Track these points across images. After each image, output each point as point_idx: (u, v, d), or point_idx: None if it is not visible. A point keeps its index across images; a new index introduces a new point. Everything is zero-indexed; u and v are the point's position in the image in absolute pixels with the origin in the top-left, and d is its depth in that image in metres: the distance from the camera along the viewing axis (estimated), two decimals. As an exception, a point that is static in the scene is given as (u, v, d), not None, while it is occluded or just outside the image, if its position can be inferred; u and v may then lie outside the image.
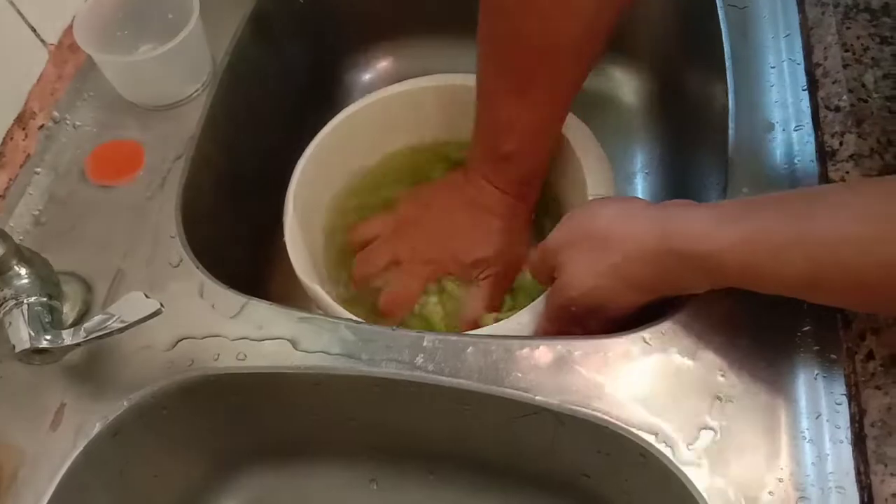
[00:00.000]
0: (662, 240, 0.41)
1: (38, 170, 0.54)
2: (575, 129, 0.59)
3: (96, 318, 0.42)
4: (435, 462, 0.53)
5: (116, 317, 0.42)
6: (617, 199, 0.53)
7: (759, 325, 0.44)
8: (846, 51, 0.51)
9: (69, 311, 0.47)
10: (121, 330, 0.42)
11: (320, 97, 0.75)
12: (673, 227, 0.41)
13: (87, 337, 0.42)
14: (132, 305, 0.42)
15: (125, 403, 0.45)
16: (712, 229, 0.39)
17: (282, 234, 0.66)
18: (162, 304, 0.42)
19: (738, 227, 0.39)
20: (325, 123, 0.76)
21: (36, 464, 0.43)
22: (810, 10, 0.55)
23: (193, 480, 0.52)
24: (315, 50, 0.73)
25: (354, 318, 0.50)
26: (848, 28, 0.52)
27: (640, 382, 0.43)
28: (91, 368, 0.46)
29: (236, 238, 0.60)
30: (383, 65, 0.78)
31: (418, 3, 0.74)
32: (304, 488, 0.55)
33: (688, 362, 0.43)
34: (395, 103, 0.64)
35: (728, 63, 0.56)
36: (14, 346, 0.41)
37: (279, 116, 0.68)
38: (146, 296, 0.42)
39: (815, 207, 0.37)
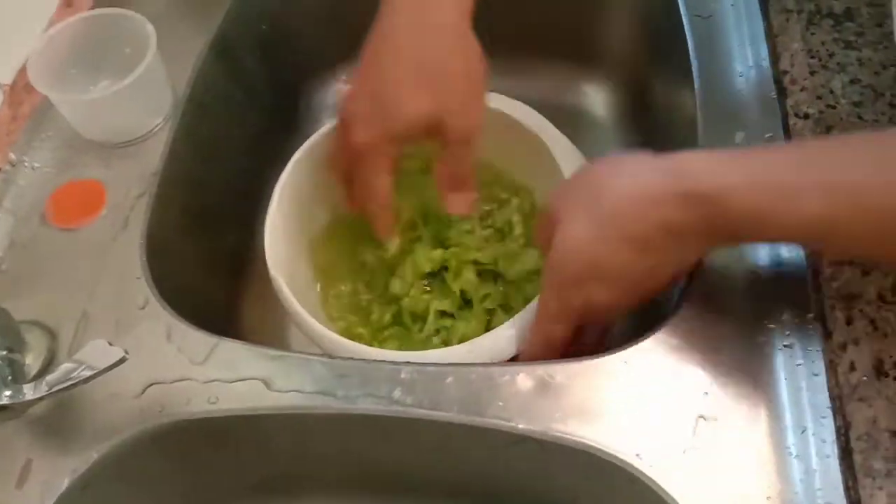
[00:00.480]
0: (663, 181, 0.39)
1: (-5, 214, 0.52)
2: (540, 124, 0.58)
3: (59, 370, 0.41)
4: (421, 493, 0.52)
5: (80, 367, 0.40)
6: (615, 155, 0.48)
7: (739, 340, 0.43)
8: (812, 57, 0.51)
9: (33, 362, 0.46)
10: (85, 381, 0.40)
11: (287, 120, 0.74)
12: (675, 167, 0.39)
13: (49, 390, 0.40)
14: (96, 354, 0.41)
15: (94, 455, 0.43)
16: (717, 167, 0.38)
17: (253, 264, 0.65)
18: (126, 352, 0.40)
19: (746, 167, 0.37)
20: (293, 147, 0.75)
21: (2, 524, 0.41)
22: (775, 17, 0.55)
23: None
24: (279, 73, 0.72)
25: (328, 332, 0.49)
26: (812, 34, 0.52)
27: (622, 405, 0.42)
28: (57, 420, 0.44)
29: (205, 273, 0.59)
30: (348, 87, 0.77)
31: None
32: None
33: (670, 382, 0.43)
34: None
35: (695, 72, 0.56)
36: (-27, 405, 0.40)
37: (246, 143, 0.67)
38: (110, 343, 0.41)
39: (832, 152, 0.36)
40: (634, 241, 0.40)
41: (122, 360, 0.41)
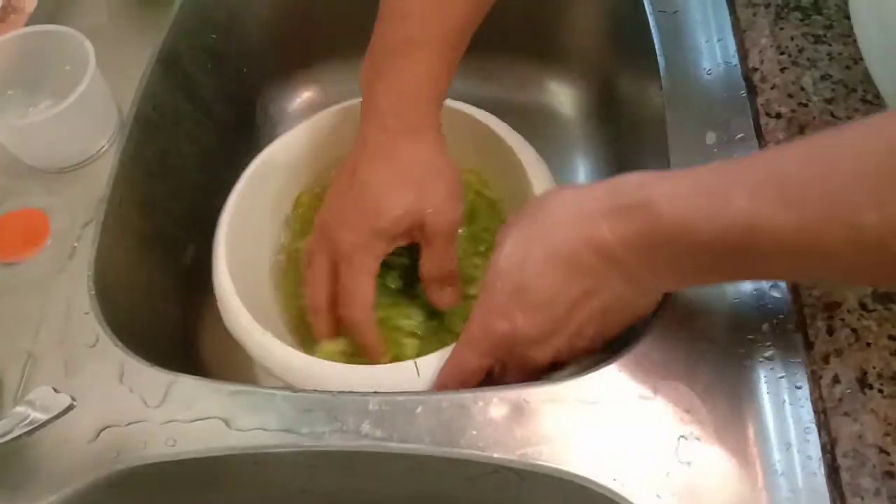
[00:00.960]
0: (596, 199, 0.38)
1: (-69, 250, 0.49)
2: (511, 137, 0.56)
3: (2, 422, 0.38)
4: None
5: (24, 418, 0.38)
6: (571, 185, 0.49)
7: (718, 353, 0.42)
8: (781, 53, 0.49)
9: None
10: (30, 433, 0.38)
11: (244, 132, 0.71)
12: (609, 185, 0.39)
13: (-8, 443, 0.37)
14: (41, 402, 0.39)
15: (46, 507, 0.40)
16: (649, 181, 0.37)
17: (212, 287, 0.62)
18: (74, 399, 0.38)
19: (677, 177, 0.37)
20: (252, 158, 0.72)
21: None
22: (741, 12, 0.54)
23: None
24: (233, 84, 0.69)
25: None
26: (781, 29, 0.51)
27: (600, 428, 0.40)
28: (4, 471, 0.41)
29: (160, 302, 0.56)
30: (306, 93, 0.74)
31: (331, 28, 0.71)
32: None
33: (648, 401, 0.41)
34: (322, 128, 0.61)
35: (662, 70, 0.54)
36: None
37: (199, 159, 0.64)
38: (55, 390, 0.39)
39: (762, 154, 0.37)
40: (561, 260, 0.39)
41: (69, 408, 0.39)
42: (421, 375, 0.45)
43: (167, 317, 0.56)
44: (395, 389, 0.44)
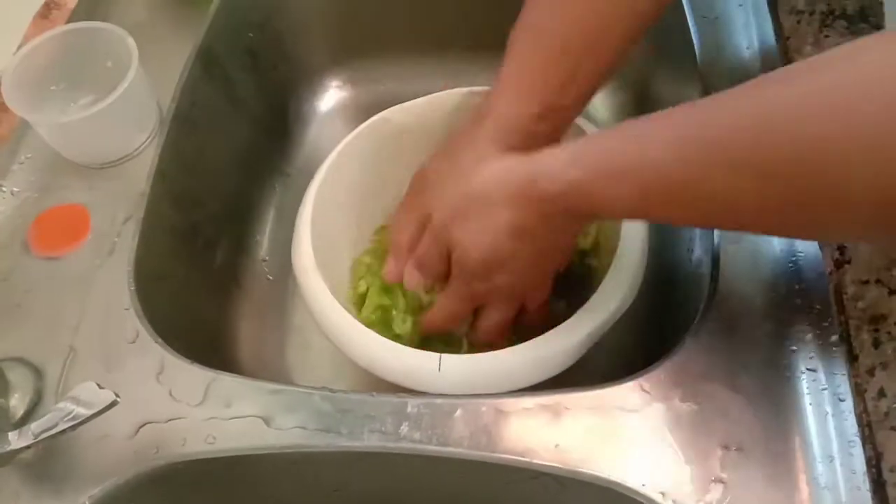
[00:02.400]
0: (519, 184, 0.42)
1: (-25, 244, 0.50)
2: None
3: (46, 417, 0.38)
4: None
5: (68, 413, 0.38)
6: (464, 143, 0.47)
7: (761, 364, 0.42)
8: (826, 61, 0.49)
9: (18, 403, 0.44)
10: (73, 427, 0.38)
11: (278, 130, 0.71)
12: (529, 173, 0.42)
13: (36, 438, 0.38)
14: (85, 398, 0.39)
15: (87, 502, 0.41)
16: (563, 165, 0.40)
17: (248, 283, 0.63)
18: (118, 395, 0.38)
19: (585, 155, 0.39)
20: (285, 156, 0.72)
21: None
22: (785, 19, 0.53)
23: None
24: (268, 82, 0.69)
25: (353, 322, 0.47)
26: (826, 36, 0.50)
27: (641, 435, 0.40)
28: (47, 466, 0.42)
29: (198, 298, 0.56)
30: (340, 93, 0.74)
31: (364, 28, 0.71)
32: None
33: (690, 409, 0.41)
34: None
35: (701, 74, 0.54)
36: (-46, 456, 0.38)
37: (236, 155, 0.65)
38: (99, 386, 0.39)
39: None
40: (517, 232, 0.43)
41: (113, 404, 0.39)
42: (441, 371, 0.44)
43: (204, 314, 0.56)
44: (414, 375, 0.44)
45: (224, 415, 0.43)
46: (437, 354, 0.45)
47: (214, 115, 0.62)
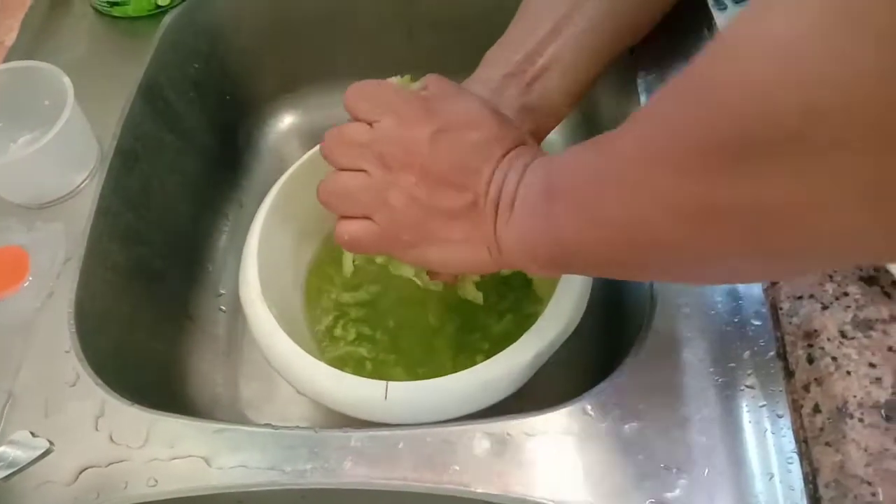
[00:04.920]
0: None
1: (-89, 290, 0.49)
2: None
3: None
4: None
5: (2, 463, 0.38)
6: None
7: (699, 381, 0.42)
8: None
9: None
10: (7, 478, 0.38)
11: (228, 160, 0.71)
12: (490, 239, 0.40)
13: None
14: (19, 447, 0.38)
15: (26, 552, 0.40)
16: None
17: (198, 319, 0.62)
18: (52, 443, 0.38)
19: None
20: (235, 187, 0.72)
21: None
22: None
23: None
24: (216, 112, 0.69)
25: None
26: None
27: (585, 459, 0.40)
28: (-17, 518, 0.41)
29: (147, 336, 0.55)
30: (290, 119, 0.75)
31: (313, 54, 0.71)
32: None
33: (632, 431, 0.41)
34: None
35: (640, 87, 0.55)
36: None
37: (183, 189, 0.64)
38: (33, 434, 0.38)
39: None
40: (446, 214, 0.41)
41: (47, 452, 0.38)
42: (388, 399, 0.44)
43: (150, 351, 0.56)
44: (360, 405, 0.44)
45: (165, 456, 0.42)
46: (384, 382, 0.45)
47: (159, 148, 0.61)
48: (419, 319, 0.58)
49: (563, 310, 0.47)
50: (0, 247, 0.50)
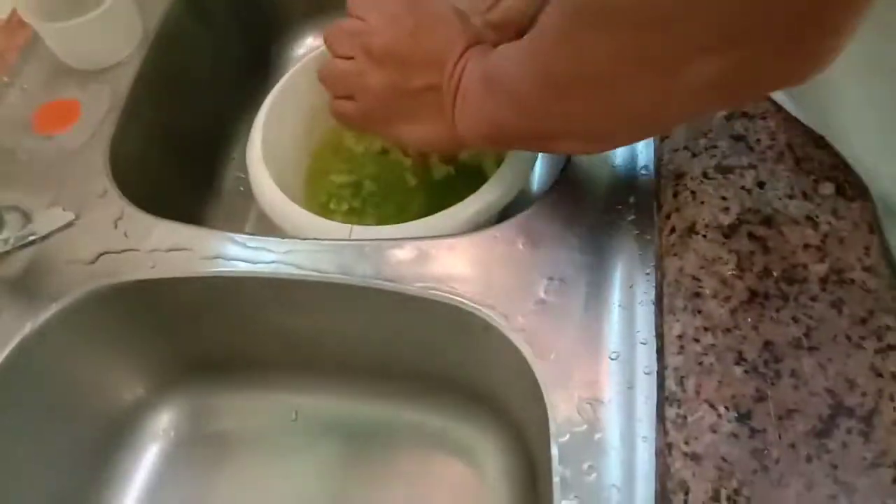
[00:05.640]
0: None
1: (-11, 124, 0.63)
2: None
3: (22, 233, 0.50)
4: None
5: (41, 227, 0.50)
6: None
7: (593, 218, 0.51)
8: None
9: (10, 236, 0.55)
10: (42, 238, 0.50)
11: (257, 71, 0.83)
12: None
13: (14, 244, 0.50)
14: (51, 219, 0.50)
15: (53, 307, 0.52)
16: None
17: (220, 194, 0.74)
18: (76, 216, 0.50)
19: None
20: (264, 92, 0.84)
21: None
22: None
23: (124, 391, 0.60)
24: (249, 27, 0.81)
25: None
26: None
27: (486, 271, 0.50)
28: (24, 281, 0.53)
29: (169, 181, 0.68)
30: (317, 42, 0.86)
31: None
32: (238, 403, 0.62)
33: (530, 251, 0.50)
34: None
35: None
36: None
37: (215, 83, 0.76)
38: (63, 210, 0.50)
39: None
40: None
41: (70, 223, 0.50)
42: (352, 237, 0.54)
43: (172, 194, 0.68)
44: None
45: (164, 247, 0.54)
46: (349, 225, 0.55)
47: (196, 45, 0.74)
48: (403, 198, 0.68)
49: (503, 180, 0.56)
50: (60, 98, 0.63)
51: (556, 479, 0.42)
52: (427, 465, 0.57)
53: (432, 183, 0.67)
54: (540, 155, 0.63)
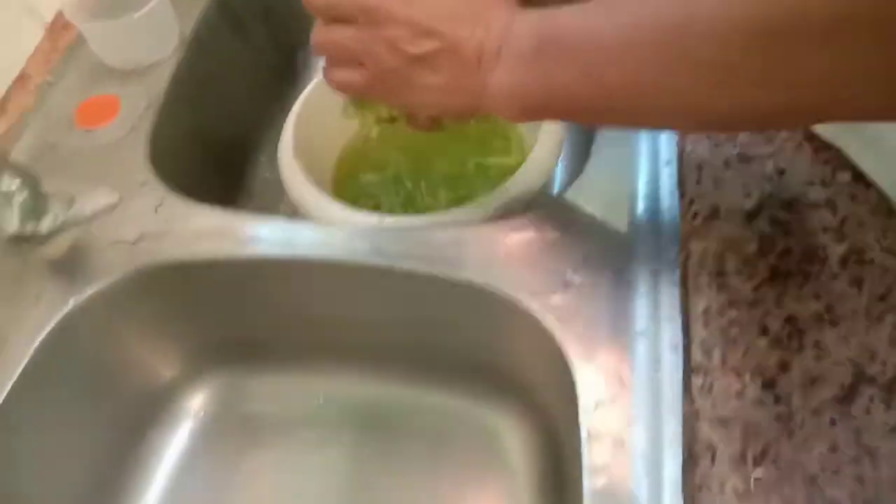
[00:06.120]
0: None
1: (34, 119, 0.65)
2: None
3: (70, 212, 0.52)
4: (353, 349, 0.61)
5: (86, 208, 0.52)
6: None
7: (620, 205, 0.52)
8: None
9: (59, 214, 0.57)
10: (89, 218, 0.52)
11: (287, 77, 0.86)
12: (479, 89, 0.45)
13: (61, 223, 0.52)
14: (98, 199, 0.53)
15: (96, 285, 0.54)
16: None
17: (250, 192, 0.77)
18: (121, 196, 0.52)
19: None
20: (293, 97, 0.87)
21: (17, 332, 0.52)
22: None
23: (160, 370, 0.61)
24: (278, 35, 0.84)
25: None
26: None
27: (516, 255, 0.51)
28: (68, 260, 0.55)
29: (202, 172, 0.70)
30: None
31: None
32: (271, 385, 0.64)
33: (558, 237, 0.52)
34: None
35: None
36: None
37: (246, 86, 0.79)
38: (109, 191, 0.52)
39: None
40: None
41: (115, 204, 0.52)
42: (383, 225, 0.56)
43: (205, 186, 0.70)
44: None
45: (205, 230, 0.56)
46: (380, 215, 0.57)
47: (229, 49, 0.77)
48: (431, 198, 0.70)
49: (539, 162, 0.57)
50: (101, 94, 0.66)
51: (584, 454, 0.43)
52: (451, 447, 0.58)
53: (456, 175, 0.69)
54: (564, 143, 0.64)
